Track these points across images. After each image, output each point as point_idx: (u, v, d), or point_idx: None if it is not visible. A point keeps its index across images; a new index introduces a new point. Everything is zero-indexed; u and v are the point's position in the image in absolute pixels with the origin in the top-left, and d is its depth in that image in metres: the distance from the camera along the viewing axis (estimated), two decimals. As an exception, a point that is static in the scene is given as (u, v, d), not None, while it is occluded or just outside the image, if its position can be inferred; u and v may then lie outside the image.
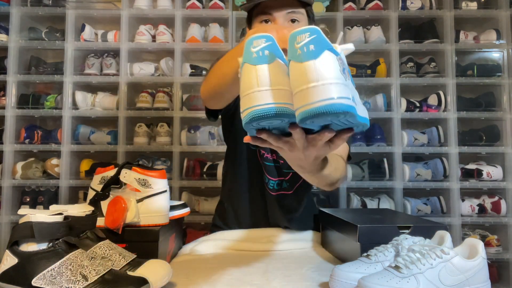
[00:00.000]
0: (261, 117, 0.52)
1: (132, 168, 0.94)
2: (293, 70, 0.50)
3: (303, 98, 0.49)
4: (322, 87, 0.47)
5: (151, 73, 2.27)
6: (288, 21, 1.01)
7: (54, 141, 2.22)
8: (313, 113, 0.47)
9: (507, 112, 2.23)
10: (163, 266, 0.78)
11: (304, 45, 0.49)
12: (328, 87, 0.47)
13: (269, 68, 0.54)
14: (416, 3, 2.28)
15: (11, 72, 2.20)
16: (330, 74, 0.48)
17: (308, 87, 0.48)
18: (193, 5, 2.25)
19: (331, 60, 0.49)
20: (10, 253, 0.69)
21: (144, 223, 0.93)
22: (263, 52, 0.54)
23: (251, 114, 0.53)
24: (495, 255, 2.15)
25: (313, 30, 0.50)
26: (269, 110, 0.52)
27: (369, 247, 0.82)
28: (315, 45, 0.49)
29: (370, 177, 2.21)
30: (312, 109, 0.47)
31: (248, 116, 0.53)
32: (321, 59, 0.48)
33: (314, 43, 0.49)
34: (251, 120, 0.53)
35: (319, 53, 0.48)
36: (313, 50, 0.49)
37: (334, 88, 0.47)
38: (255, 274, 0.91)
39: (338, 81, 0.48)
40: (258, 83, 0.53)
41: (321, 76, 0.48)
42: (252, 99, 0.53)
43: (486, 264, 0.74)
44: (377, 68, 2.29)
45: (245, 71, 0.55)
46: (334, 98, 0.47)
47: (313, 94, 0.48)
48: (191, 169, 2.22)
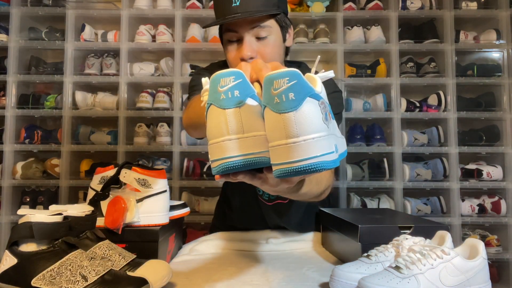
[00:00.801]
0: (234, 169, 0.48)
1: (132, 168, 0.94)
2: (270, 120, 0.45)
3: (282, 154, 0.44)
4: (303, 144, 0.43)
5: (151, 73, 2.27)
6: (254, 37, 0.96)
7: (54, 141, 2.22)
8: (294, 172, 0.43)
9: (507, 112, 2.23)
10: (163, 266, 0.78)
11: (283, 93, 0.43)
12: (311, 143, 0.43)
13: (240, 111, 0.48)
14: (416, 3, 2.28)
15: (11, 72, 2.20)
16: (312, 128, 0.43)
17: (288, 142, 0.43)
18: (193, 5, 2.25)
19: (313, 110, 0.43)
20: (9, 253, 0.69)
21: (144, 223, 0.93)
22: (233, 92, 0.48)
23: (223, 166, 0.48)
24: (495, 255, 2.15)
25: (293, 74, 0.43)
26: (244, 162, 0.48)
27: (370, 247, 0.82)
28: (295, 93, 0.43)
29: (370, 177, 2.21)
30: (293, 168, 0.43)
31: (220, 167, 0.49)
32: (302, 110, 0.43)
33: (294, 90, 0.43)
34: (224, 171, 0.49)
35: (300, 103, 0.43)
36: (293, 100, 0.43)
37: (317, 144, 0.43)
38: (255, 274, 0.91)
39: (321, 135, 0.43)
40: (228, 131, 0.48)
41: (302, 131, 0.43)
42: (223, 150, 0.48)
43: (486, 264, 0.74)
44: (377, 68, 2.29)
45: (212, 114, 0.49)
46: (317, 156, 0.42)
47: (294, 151, 0.43)
48: (191, 169, 2.22)
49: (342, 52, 2.24)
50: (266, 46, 0.97)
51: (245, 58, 0.95)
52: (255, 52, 0.96)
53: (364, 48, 2.28)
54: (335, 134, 0.48)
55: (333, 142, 0.45)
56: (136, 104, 2.25)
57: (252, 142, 0.48)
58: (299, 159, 0.43)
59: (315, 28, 2.36)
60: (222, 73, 0.49)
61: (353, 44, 2.26)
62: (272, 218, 1.24)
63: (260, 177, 0.56)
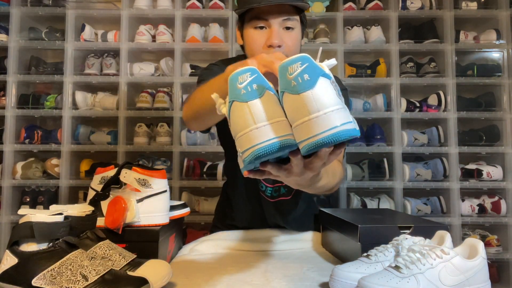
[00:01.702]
0: (266, 154, 0.50)
1: (132, 168, 0.94)
2: (290, 102, 0.49)
3: (306, 130, 0.48)
4: (324, 117, 0.47)
5: (151, 73, 2.27)
6: (283, 28, 1.00)
7: (54, 141, 2.22)
8: (320, 144, 0.47)
9: (507, 112, 2.23)
10: (163, 266, 0.78)
11: (298, 75, 0.48)
12: (331, 115, 0.47)
13: (261, 102, 0.52)
14: (416, 3, 2.28)
15: (11, 72, 2.20)
16: (330, 102, 0.47)
17: (310, 118, 0.47)
18: (193, 5, 2.25)
19: (327, 87, 0.48)
20: (10, 253, 0.69)
21: (144, 223, 0.93)
22: (251, 86, 0.52)
23: (255, 153, 0.51)
24: (495, 255, 2.15)
25: (304, 58, 0.49)
26: (273, 146, 0.50)
27: (370, 247, 0.82)
28: (309, 74, 0.48)
29: (370, 177, 2.21)
30: (319, 140, 0.47)
31: (252, 155, 0.51)
32: (318, 88, 0.47)
33: (308, 72, 0.48)
34: (256, 158, 0.51)
35: (315, 82, 0.47)
36: (308, 80, 0.48)
37: (336, 115, 0.47)
38: (255, 274, 0.91)
39: (339, 107, 0.47)
40: (254, 120, 0.51)
41: (322, 106, 0.47)
42: (251, 138, 0.51)
43: (486, 264, 0.74)
44: (377, 68, 2.29)
45: (236, 110, 0.52)
46: (338, 126, 0.46)
47: (317, 125, 0.47)
48: (191, 169, 2.22)
49: (342, 52, 2.24)
50: (291, 38, 1.01)
51: (274, 45, 0.97)
52: (282, 41, 0.98)
53: (364, 48, 2.28)
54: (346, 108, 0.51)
55: (350, 115, 0.49)
56: (136, 104, 2.25)
57: (277, 126, 0.51)
58: (323, 131, 0.46)
59: (315, 28, 2.37)
60: (238, 71, 0.53)
61: (353, 44, 2.26)
62: (273, 215, 1.24)
63: (286, 168, 0.58)
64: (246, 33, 1.04)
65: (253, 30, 1.01)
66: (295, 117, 0.49)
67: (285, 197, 1.24)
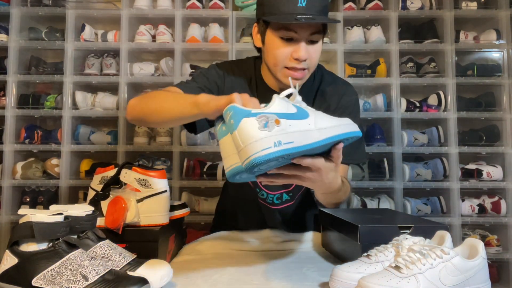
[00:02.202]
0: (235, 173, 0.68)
1: (132, 168, 0.94)
2: (232, 138, 0.67)
3: (240, 157, 0.65)
4: (245, 149, 0.63)
5: (151, 73, 2.27)
6: (307, 41, 1.01)
7: (54, 141, 2.22)
8: (245, 168, 0.64)
9: (507, 112, 2.23)
10: (163, 266, 0.78)
11: (229, 120, 0.67)
12: (249, 147, 0.63)
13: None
14: (416, 3, 2.28)
15: (11, 72, 2.20)
16: (249, 136, 0.63)
17: (239, 150, 0.65)
18: (193, 5, 2.25)
19: (247, 125, 0.64)
20: (10, 253, 0.69)
21: (144, 223, 0.93)
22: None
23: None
24: (495, 255, 2.15)
25: (231, 108, 0.67)
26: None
27: (370, 247, 0.82)
28: (233, 119, 0.65)
29: (370, 177, 2.21)
30: (243, 166, 0.64)
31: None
32: (239, 128, 0.65)
33: (233, 118, 0.66)
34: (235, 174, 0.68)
35: (237, 125, 0.65)
36: (234, 123, 0.65)
37: (255, 146, 0.63)
38: (255, 274, 0.91)
39: (258, 139, 0.63)
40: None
41: (244, 141, 0.64)
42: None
43: (486, 264, 0.74)
44: (377, 68, 2.29)
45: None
46: (257, 152, 0.62)
47: (243, 155, 0.64)
48: (191, 169, 2.22)
49: (342, 52, 2.24)
50: (316, 51, 1.04)
51: (301, 59, 1.00)
52: (308, 54, 1.01)
53: (364, 48, 2.28)
54: (286, 131, 0.66)
55: (273, 140, 0.64)
56: (136, 104, 2.25)
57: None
58: (246, 158, 0.64)
59: (315, 28, 2.36)
60: (224, 111, 0.70)
61: (353, 44, 2.26)
62: (274, 220, 1.25)
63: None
64: (270, 40, 1.03)
65: (279, 40, 1.00)
66: (237, 147, 0.66)
67: (288, 203, 1.24)
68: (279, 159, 0.65)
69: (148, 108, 0.98)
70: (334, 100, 1.15)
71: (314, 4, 0.96)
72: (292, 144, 0.65)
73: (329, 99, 1.15)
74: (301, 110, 0.70)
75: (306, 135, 0.68)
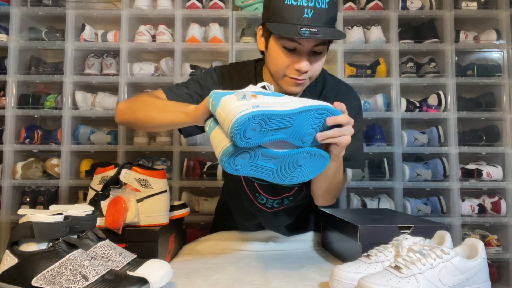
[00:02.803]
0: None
1: (132, 168, 0.94)
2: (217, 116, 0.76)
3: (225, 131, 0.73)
4: (226, 116, 0.71)
5: (151, 73, 2.27)
6: (311, 52, 0.97)
7: (54, 141, 2.22)
8: (231, 138, 0.71)
9: (507, 112, 2.23)
10: (163, 266, 0.78)
11: (212, 105, 0.77)
12: (229, 113, 0.71)
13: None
14: (416, 3, 2.28)
15: (11, 72, 2.20)
16: (228, 106, 0.72)
17: (223, 123, 0.73)
18: (193, 5, 2.25)
19: (225, 100, 0.74)
20: (10, 253, 0.69)
21: (144, 223, 0.93)
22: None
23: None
24: (495, 255, 2.15)
25: (211, 94, 0.79)
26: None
27: (370, 247, 0.82)
28: (215, 101, 0.76)
29: (370, 177, 2.21)
30: (229, 137, 0.71)
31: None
32: (221, 105, 0.74)
33: (214, 99, 0.77)
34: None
35: (218, 103, 0.75)
36: (215, 103, 0.76)
37: (234, 111, 0.71)
38: (255, 274, 0.91)
39: (235, 106, 0.71)
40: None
41: (224, 112, 0.72)
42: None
43: (486, 264, 0.74)
44: (377, 68, 2.29)
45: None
46: (237, 114, 0.69)
47: (225, 127, 0.72)
48: (191, 169, 2.22)
49: (342, 52, 2.24)
50: (318, 62, 1.00)
51: (302, 71, 0.97)
52: (310, 66, 0.98)
53: (364, 48, 2.28)
54: (263, 101, 0.74)
55: (252, 104, 0.72)
56: (136, 104, 2.25)
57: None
58: (229, 126, 0.70)
59: (315, 28, 2.36)
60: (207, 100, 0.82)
61: (353, 44, 2.26)
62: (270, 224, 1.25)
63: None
64: (272, 47, 1.00)
65: (282, 49, 0.97)
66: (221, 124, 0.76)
67: (287, 205, 1.24)
68: (261, 121, 0.70)
69: (138, 116, 1.01)
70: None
71: (321, 16, 0.91)
72: (270, 108, 0.72)
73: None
74: (275, 93, 0.80)
75: (283, 104, 0.75)
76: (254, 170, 0.79)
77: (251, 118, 0.68)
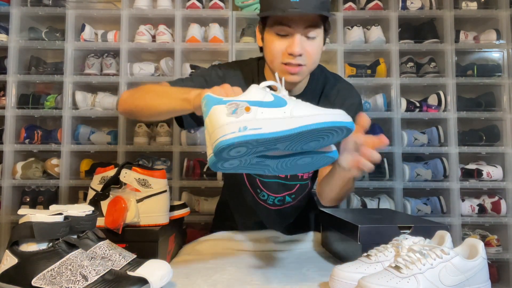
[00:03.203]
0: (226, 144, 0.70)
1: (132, 168, 0.94)
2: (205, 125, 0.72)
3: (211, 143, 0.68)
4: (214, 134, 0.67)
5: (151, 73, 2.27)
6: (305, 36, 0.98)
7: (54, 141, 2.22)
8: (217, 150, 0.66)
9: (507, 112, 2.23)
10: (163, 266, 0.78)
11: (203, 108, 0.72)
12: (217, 132, 0.66)
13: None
14: (416, 3, 2.28)
15: (11, 72, 2.20)
16: (217, 123, 0.67)
17: (210, 136, 0.69)
18: (193, 5, 2.25)
19: (216, 113, 0.68)
20: (10, 253, 0.69)
21: (144, 223, 0.93)
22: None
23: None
24: (495, 255, 2.15)
25: (205, 97, 0.73)
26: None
27: (370, 247, 0.82)
28: (206, 107, 0.71)
29: (370, 177, 2.21)
30: (215, 147, 0.66)
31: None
32: (209, 115, 0.69)
33: (205, 106, 0.72)
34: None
35: (208, 112, 0.70)
36: (206, 110, 0.71)
37: (222, 130, 0.66)
38: (255, 274, 0.91)
39: (224, 124, 0.66)
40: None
41: (213, 126, 0.68)
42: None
43: (486, 264, 0.74)
44: (377, 68, 2.29)
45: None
46: (223, 136, 0.65)
47: (212, 140, 0.67)
48: (191, 169, 2.22)
49: (342, 52, 2.24)
50: (313, 46, 1.00)
51: (295, 54, 0.97)
52: (303, 50, 0.98)
53: (364, 48, 2.28)
54: (256, 118, 0.67)
55: (239, 126, 0.66)
56: (136, 104, 2.25)
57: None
58: (213, 143, 0.66)
59: (315, 28, 2.36)
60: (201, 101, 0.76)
61: (353, 44, 2.26)
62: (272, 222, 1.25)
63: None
64: (267, 37, 1.01)
65: (275, 36, 0.99)
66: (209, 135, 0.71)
67: (289, 203, 1.24)
68: (248, 145, 0.66)
69: (140, 102, 1.00)
70: (338, 103, 1.14)
71: (309, 0, 0.93)
72: (259, 131, 0.65)
73: (333, 101, 1.14)
74: (278, 99, 0.70)
75: (278, 122, 0.67)
76: (247, 169, 0.77)
77: (235, 144, 0.64)
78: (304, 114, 0.67)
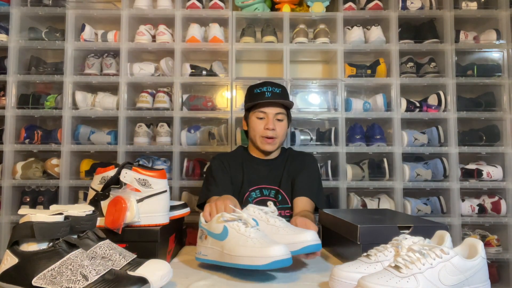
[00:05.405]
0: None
1: (132, 168, 0.94)
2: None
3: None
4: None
5: (151, 73, 2.27)
6: (275, 119, 1.48)
7: (54, 141, 2.22)
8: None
9: (507, 112, 2.23)
10: (163, 266, 0.78)
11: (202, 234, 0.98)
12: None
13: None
14: (416, 3, 2.28)
15: (11, 72, 2.20)
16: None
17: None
18: (193, 5, 2.25)
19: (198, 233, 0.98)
20: (10, 253, 0.69)
21: (144, 223, 0.93)
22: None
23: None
24: (495, 255, 2.15)
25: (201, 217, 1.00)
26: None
27: (370, 247, 0.83)
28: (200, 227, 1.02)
29: (370, 177, 2.21)
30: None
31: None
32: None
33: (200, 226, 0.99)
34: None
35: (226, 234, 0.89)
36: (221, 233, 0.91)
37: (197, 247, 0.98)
38: (255, 274, 0.91)
39: (198, 244, 0.97)
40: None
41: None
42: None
43: (485, 264, 0.74)
44: (377, 68, 2.29)
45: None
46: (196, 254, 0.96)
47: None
48: (191, 169, 2.22)
49: (342, 52, 2.24)
50: (281, 127, 1.50)
51: (269, 128, 1.47)
52: (275, 126, 1.48)
53: (364, 48, 2.28)
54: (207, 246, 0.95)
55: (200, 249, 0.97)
56: (136, 104, 2.25)
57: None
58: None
59: (315, 28, 2.36)
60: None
61: (353, 44, 2.26)
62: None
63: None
64: (251, 120, 1.52)
65: (256, 119, 1.50)
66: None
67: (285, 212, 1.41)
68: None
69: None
70: (298, 161, 1.56)
71: (276, 95, 1.48)
72: (206, 257, 0.92)
73: (295, 161, 1.56)
74: (225, 231, 0.89)
75: (219, 254, 0.89)
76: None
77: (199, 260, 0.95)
78: (235, 254, 0.84)
